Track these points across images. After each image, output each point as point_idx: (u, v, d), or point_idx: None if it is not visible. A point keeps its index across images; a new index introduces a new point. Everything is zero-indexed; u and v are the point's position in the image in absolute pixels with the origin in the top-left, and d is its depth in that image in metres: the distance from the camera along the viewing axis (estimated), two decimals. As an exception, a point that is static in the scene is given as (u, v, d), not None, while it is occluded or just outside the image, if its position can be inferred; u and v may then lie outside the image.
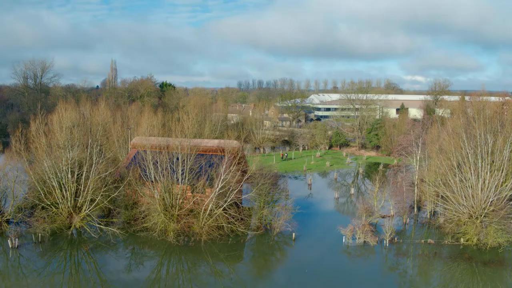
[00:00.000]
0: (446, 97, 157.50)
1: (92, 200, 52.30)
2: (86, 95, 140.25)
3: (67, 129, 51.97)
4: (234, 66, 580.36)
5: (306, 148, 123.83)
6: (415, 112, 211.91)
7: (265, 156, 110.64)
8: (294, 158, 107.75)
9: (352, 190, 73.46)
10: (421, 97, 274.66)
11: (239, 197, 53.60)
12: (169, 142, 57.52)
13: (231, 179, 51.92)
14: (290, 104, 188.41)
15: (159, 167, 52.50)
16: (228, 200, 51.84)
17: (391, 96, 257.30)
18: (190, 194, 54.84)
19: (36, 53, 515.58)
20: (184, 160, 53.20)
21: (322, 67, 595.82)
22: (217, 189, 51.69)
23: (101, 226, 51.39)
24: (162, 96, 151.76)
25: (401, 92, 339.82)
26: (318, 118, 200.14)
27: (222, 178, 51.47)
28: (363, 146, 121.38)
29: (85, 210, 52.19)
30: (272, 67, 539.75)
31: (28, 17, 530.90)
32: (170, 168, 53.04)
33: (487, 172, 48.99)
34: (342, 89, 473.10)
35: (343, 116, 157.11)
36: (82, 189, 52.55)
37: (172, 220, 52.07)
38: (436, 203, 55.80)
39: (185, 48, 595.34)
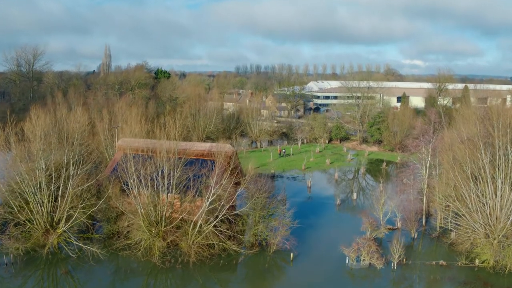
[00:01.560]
0: (450, 86, 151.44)
1: (70, 216, 47.44)
2: (75, 87, 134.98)
3: (40, 138, 46.73)
4: (232, 50, 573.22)
5: (305, 142, 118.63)
6: (416, 101, 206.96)
7: (262, 152, 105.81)
8: (292, 154, 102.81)
9: (355, 195, 68.64)
10: (423, 84, 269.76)
11: (232, 213, 48.69)
12: (156, 145, 52.79)
13: (222, 192, 47.14)
14: (288, 92, 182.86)
15: (143, 180, 47.57)
16: (220, 216, 47.12)
17: (391, 84, 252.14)
18: (179, 204, 50.24)
19: (32, 38, 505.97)
20: (171, 170, 48.30)
21: (320, 51, 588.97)
22: (207, 203, 46.90)
23: (79, 245, 46.61)
24: (156, 86, 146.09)
25: (401, 78, 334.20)
26: (317, 107, 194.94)
27: (212, 192, 46.65)
28: (364, 141, 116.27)
29: (62, 227, 47.39)
30: (270, 51, 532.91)
31: (23, 0, 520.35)
32: (156, 179, 48.19)
33: (507, 187, 44.16)
34: (341, 73, 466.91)
35: (341, 104, 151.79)
36: (59, 204, 47.69)
37: (158, 237, 47.34)
38: (447, 218, 51.12)
39: (183, 32, 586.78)
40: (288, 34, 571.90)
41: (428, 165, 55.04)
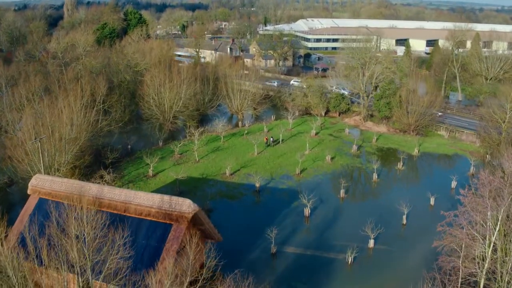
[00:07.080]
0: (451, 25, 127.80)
1: None
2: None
3: None
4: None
5: (297, 114, 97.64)
6: (418, 46, 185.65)
7: (243, 136, 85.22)
8: (282, 140, 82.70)
9: (372, 242, 49.40)
10: (423, 24, 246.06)
11: None
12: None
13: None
14: (276, 33, 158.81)
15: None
16: None
17: (387, 23, 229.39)
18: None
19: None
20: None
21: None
22: None
23: None
24: (117, 40, 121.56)
25: (395, 12, 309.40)
26: (308, 54, 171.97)
27: None
28: (369, 116, 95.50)
29: None
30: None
31: None
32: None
33: None
34: (330, 1, 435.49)
35: (334, 48, 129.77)
36: None
37: None
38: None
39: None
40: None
41: (493, 240, 35.88)
